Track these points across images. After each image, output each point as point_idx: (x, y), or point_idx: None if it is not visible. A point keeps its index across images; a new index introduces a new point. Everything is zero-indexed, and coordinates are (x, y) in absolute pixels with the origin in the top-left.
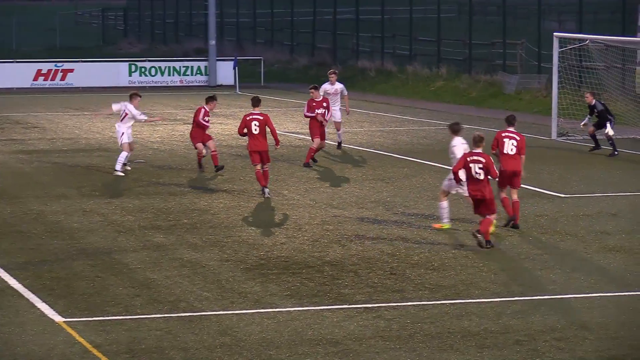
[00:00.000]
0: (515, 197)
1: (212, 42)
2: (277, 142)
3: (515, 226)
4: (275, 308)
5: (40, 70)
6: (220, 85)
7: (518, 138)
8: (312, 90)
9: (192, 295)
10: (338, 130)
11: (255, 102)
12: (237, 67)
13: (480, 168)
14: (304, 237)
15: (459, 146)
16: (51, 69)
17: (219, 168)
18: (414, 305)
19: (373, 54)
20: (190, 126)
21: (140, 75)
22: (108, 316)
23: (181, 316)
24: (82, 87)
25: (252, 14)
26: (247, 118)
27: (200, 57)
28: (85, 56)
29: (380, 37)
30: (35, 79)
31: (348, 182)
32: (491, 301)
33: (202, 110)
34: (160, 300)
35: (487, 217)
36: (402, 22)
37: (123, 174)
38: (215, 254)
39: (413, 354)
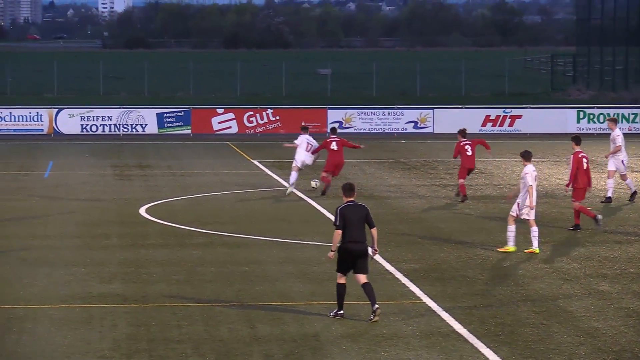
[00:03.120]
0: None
1: None
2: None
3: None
4: None
5: (489, 116)
6: None
7: (587, 156)
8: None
9: (637, 346)
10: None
11: (578, 141)
12: None
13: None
14: None
15: (530, 173)
16: (499, 115)
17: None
18: None
19: None
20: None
21: (589, 122)
22: None
23: None
24: (530, 134)
25: None
26: (579, 156)
27: None
28: (533, 102)
29: None
30: (484, 124)
31: None
32: None
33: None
34: (605, 350)
35: None
36: None
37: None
38: None
39: None
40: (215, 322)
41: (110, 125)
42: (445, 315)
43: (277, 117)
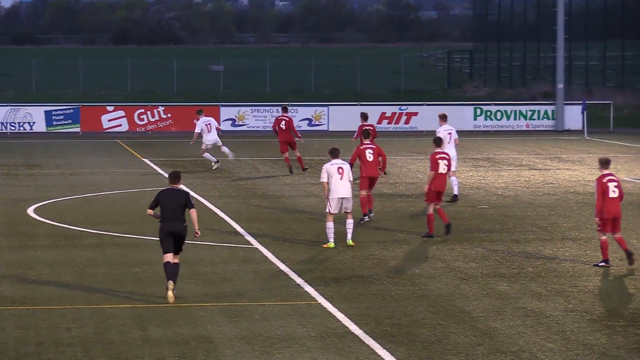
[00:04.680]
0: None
1: (560, 85)
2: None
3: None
4: None
5: (385, 113)
6: (568, 130)
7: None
8: None
9: (535, 346)
10: None
11: (367, 135)
12: (585, 112)
13: (615, 187)
14: None
15: (327, 168)
16: (395, 112)
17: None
18: None
19: None
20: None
21: (486, 119)
22: None
23: None
24: (426, 131)
25: (601, 57)
26: (361, 147)
27: (547, 101)
28: (430, 99)
29: None
30: (379, 122)
31: None
32: None
33: None
34: (503, 350)
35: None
36: None
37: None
38: (560, 304)
39: None
40: (106, 324)
41: None
42: (340, 316)
43: (169, 115)
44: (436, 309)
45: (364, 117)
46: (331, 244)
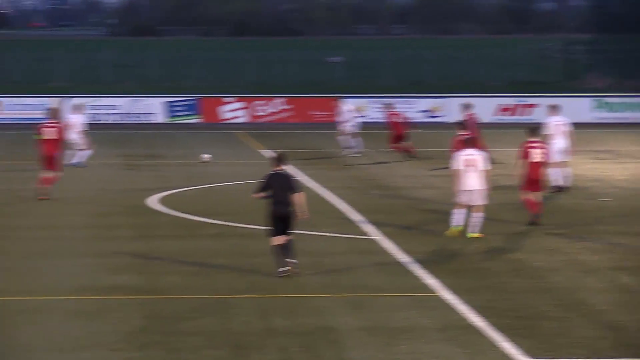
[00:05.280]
0: None
1: None
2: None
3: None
4: None
5: (503, 105)
6: None
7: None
8: None
9: None
10: None
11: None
12: None
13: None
14: None
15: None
16: (514, 104)
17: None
18: None
19: None
20: None
21: (606, 111)
22: (574, 358)
23: None
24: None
25: None
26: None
27: None
28: (548, 91)
29: None
30: (498, 114)
31: None
32: None
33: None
34: (629, 344)
35: None
36: None
37: None
38: None
39: None
40: (229, 314)
41: (117, 114)
42: (462, 308)
43: (289, 106)
44: (559, 301)
45: (467, 107)
46: (454, 228)
